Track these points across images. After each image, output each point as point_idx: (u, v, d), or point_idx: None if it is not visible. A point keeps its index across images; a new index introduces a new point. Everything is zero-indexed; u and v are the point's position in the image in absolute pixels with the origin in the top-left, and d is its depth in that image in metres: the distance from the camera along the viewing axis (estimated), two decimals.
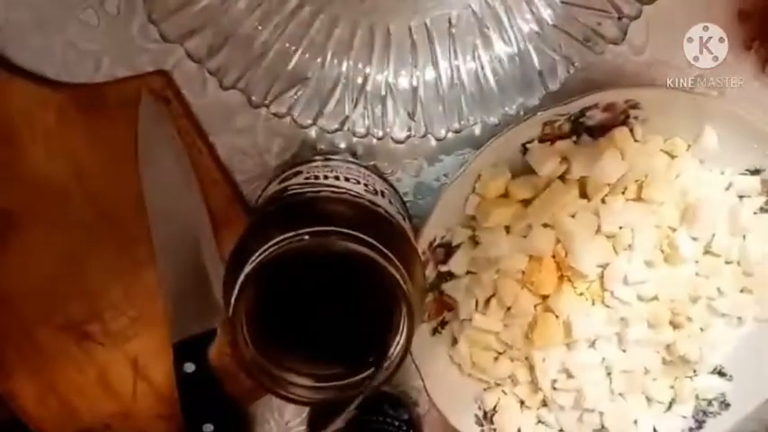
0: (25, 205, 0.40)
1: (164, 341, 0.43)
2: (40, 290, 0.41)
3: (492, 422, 0.43)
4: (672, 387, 0.43)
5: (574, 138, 0.38)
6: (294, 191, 0.32)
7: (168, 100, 0.38)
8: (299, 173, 0.35)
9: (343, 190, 0.31)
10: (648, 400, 0.43)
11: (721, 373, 0.44)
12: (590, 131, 0.38)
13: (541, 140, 0.37)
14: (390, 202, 0.34)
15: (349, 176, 0.34)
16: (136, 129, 0.38)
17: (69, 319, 0.42)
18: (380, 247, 0.28)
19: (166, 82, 0.38)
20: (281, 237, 0.27)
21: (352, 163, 0.37)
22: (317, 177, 0.33)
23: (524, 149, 0.38)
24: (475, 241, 0.40)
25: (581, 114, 0.37)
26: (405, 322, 0.28)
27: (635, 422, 0.43)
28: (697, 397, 0.44)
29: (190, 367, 0.42)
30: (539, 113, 0.35)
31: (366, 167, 0.37)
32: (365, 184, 0.34)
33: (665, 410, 0.44)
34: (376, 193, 0.33)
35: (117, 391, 0.44)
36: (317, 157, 0.37)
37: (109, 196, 0.40)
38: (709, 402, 0.44)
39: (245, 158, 0.40)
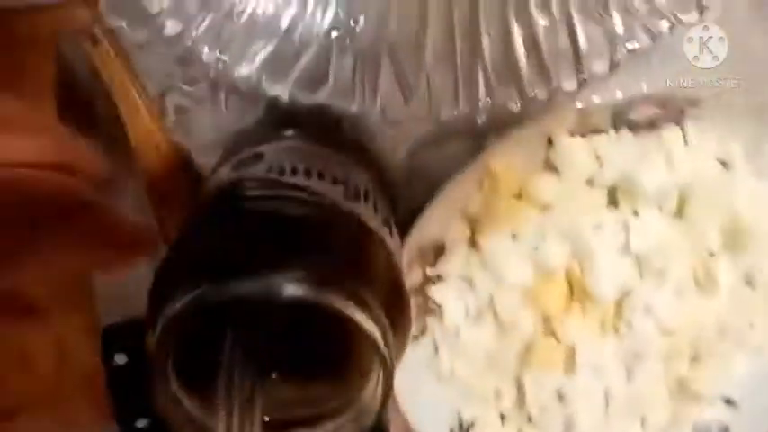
0: None
1: (93, 323, 0.36)
2: None
3: None
4: (672, 413, 0.38)
5: (612, 133, 0.30)
6: (246, 192, 0.24)
7: (96, 39, 0.29)
8: (260, 157, 0.27)
9: (316, 196, 0.24)
10: (643, 423, 0.39)
11: (728, 402, 0.39)
12: (632, 127, 0.30)
13: (572, 135, 0.30)
14: (375, 208, 0.26)
15: (324, 171, 0.26)
16: (54, 75, 0.29)
17: None
18: (360, 297, 0.21)
19: (94, 15, 0.28)
20: (212, 281, 0.20)
21: (330, 145, 0.29)
22: (281, 172, 0.25)
23: (549, 143, 0.30)
24: (473, 244, 0.33)
25: (628, 106, 0.29)
26: (380, 385, 0.22)
27: None
28: (695, 422, 0.39)
29: (121, 358, 0.35)
30: (575, 101, 0.28)
31: (347, 151, 0.29)
32: (344, 183, 0.26)
33: None
34: (358, 196, 0.26)
35: (37, 373, 0.38)
36: (288, 132, 0.29)
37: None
38: (708, 429, 0.39)
39: (192, 119, 0.32)
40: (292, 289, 0.20)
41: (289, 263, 0.20)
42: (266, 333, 0.22)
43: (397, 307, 0.23)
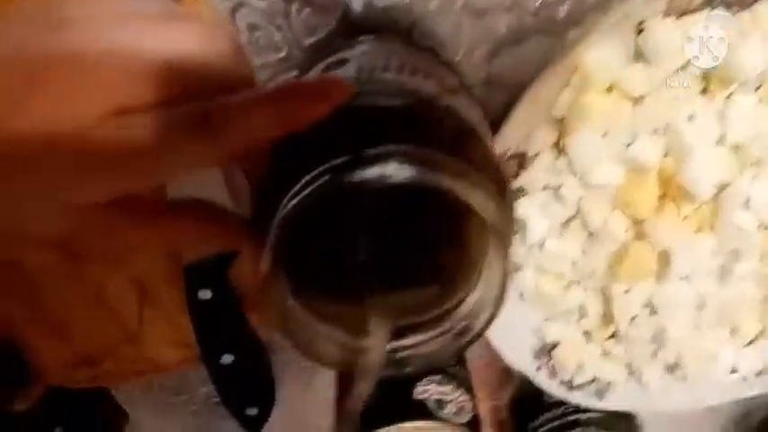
0: None
1: (173, 262, 0.36)
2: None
3: (551, 356, 0.38)
4: (761, 321, 0.37)
5: (706, 12, 0.29)
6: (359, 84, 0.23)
7: None
8: (345, 61, 0.26)
9: (412, 90, 0.23)
10: (732, 332, 0.37)
11: None
12: (727, 4, 0.29)
13: (663, 17, 0.28)
14: (468, 105, 0.25)
15: (416, 67, 0.25)
16: None
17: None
18: (472, 173, 0.20)
19: None
20: (328, 165, 0.19)
21: (412, 46, 0.28)
22: (372, 70, 0.24)
23: (638, 30, 0.29)
24: (560, 150, 0.32)
25: None
26: (496, 270, 0.21)
27: (714, 358, 0.38)
28: None
29: (205, 294, 0.35)
30: None
31: (431, 52, 0.28)
32: (436, 78, 0.25)
33: (747, 344, 0.38)
34: (451, 92, 0.25)
35: (120, 315, 0.38)
36: (364, 38, 0.28)
37: None
38: None
39: (263, 35, 0.31)
40: (409, 172, 0.19)
41: (398, 150, 0.20)
42: (381, 227, 0.22)
43: (502, 197, 0.22)
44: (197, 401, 0.43)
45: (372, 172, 0.19)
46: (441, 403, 0.32)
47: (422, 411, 0.32)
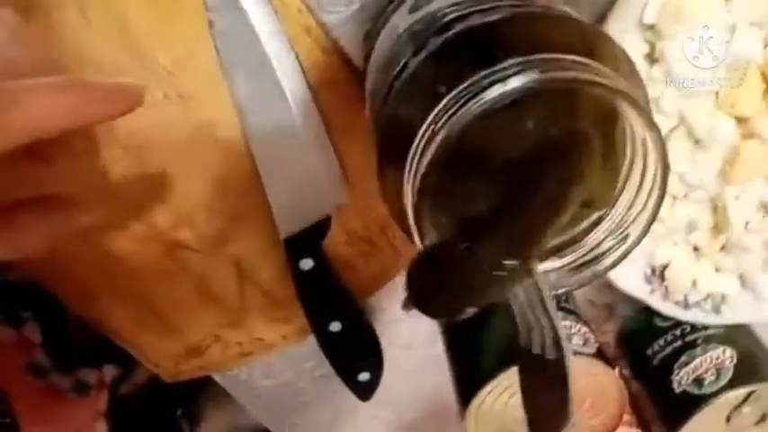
0: None
1: (268, 237, 0.35)
2: (110, 196, 0.34)
3: (663, 278, 0.37)
4: None
5: None
6: (453, 12, 0.22)
7: None
8: None
9: (525, 4, 0.22)
10: None
11: None
12: None
13: None
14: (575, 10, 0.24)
15: None
16: None
17: (153, 227, 0.35)
18: (615, 73, 0.19)
19: None
20: (481, 73, 0.18)
21: None
22: None
23: None
24: (652, 59, 0.30)
25: None
26: (652, 169, 0.20)
27: None
28: None
29: (307, 263, 0.35)
30: None
31: None
32: None
33: None
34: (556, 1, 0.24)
35: (222, 300, 0.38)
36: None
37: (174, 65, 0.31)
38: None
39: None
40: (561, 75, 0.18)
41: (541, 58, 0.19)
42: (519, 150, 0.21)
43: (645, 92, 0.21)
44: (303, 378, 0.43)
45: (516, 81, 0.18)
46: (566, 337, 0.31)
47: None
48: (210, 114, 0.32)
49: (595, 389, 0.33)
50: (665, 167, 0.20)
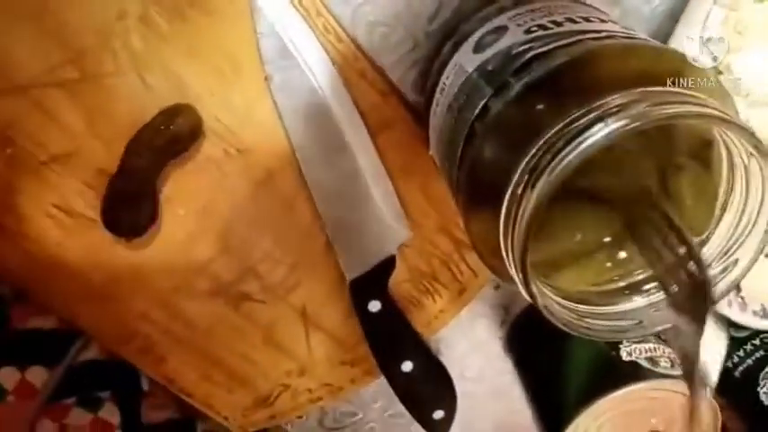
0: None
1: (331, 282, 0.35)
2: (175, 255, 0.34)
3: (739, 288, 0.36)
4: None
5: None
6: (531, 49, 0.22)
7: None
8: (503, 29, 0.25)
9: (605, 34, 0.22)
10: None
11: None
12: None
13: None
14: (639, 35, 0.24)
15: (578, 14, 0.24)
16: (252, 22, 0.28)
17: (218, 282, 0.35)
18: (708, 99, 0.19)
19: None
20: (577, 113, 0.18)
21: (553, 2, 0.27)
22: (543, 27, 0.23)
23: None
24: (717, 71, 0.30)
25: None
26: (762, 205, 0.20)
27: None
28: None
29: (375, 305, 0.35)
30: None
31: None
32: (599, 18, 0.24)
33: None
34: (623, 28, 0.23)
35: (289, 348, 0.37)
36: (499, 3, 0.27)
37: (234, 122, 0.31)
38: None
39: (388, 32, 0.30)
40: (673, 108, 0.18)
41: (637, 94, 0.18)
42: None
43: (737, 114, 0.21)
44: (373, 418, 0.43)
45: (618, 119, 0.18)
46: (652, 361, 0.30)
47: (635, 374, 0.30)
48: (270, 166, 0.32)
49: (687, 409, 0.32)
50: None
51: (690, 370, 0.21)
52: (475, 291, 0.38)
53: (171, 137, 0.30)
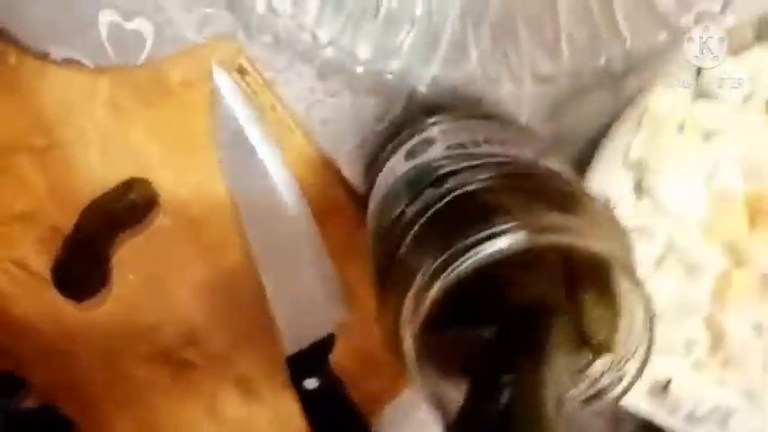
0: None
1: (274, 357, 0.36)
2: (121, 318, 0.35)
3: (667, 393, 0.37)
4: None
5: (757, 46, 0.30)
6: (442, 171, 0.24)
7: (245, 71, 0.30)
8: (431, 142, 0.27)
9: (509, 159, 0.24)
10: None
11: None
12: None
13: None
14: (560, 162, 0.26)
15: (502, 137, 0.26)
16: (210, 111, 0.30)
17: (159, 346, 0.36)
18: (601, 228, 0.20)
19: (237, 49, 0.30)
20: (469, 233, 0.20)
21: (483, 117, 0.29)
22: (462, 146, 0.25)
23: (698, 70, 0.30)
24: (641, 191, 0.32)
25: None
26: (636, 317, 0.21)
27: None
28: None
29: (312, 383, 0.36)
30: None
31: (501, 121, 0.29)
32: (526, 143, 0.26)
33: None
34: (543, 153, 0.25)
35: (229, 421, 0.38)
36: (433, 119, 0.29)
37: (183, 196, 0.33)
38: None
39: (338, 129, 0.32)
40: (552, 237, 0.20)
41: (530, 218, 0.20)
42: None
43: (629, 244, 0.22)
44: None
45: (503, 241, 0.20)
46: None
47: None
48: (218, 239, 0.34)
49: None
50: (651, 321, 0.21)
51: None
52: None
53: (126, 207, 0.32)
